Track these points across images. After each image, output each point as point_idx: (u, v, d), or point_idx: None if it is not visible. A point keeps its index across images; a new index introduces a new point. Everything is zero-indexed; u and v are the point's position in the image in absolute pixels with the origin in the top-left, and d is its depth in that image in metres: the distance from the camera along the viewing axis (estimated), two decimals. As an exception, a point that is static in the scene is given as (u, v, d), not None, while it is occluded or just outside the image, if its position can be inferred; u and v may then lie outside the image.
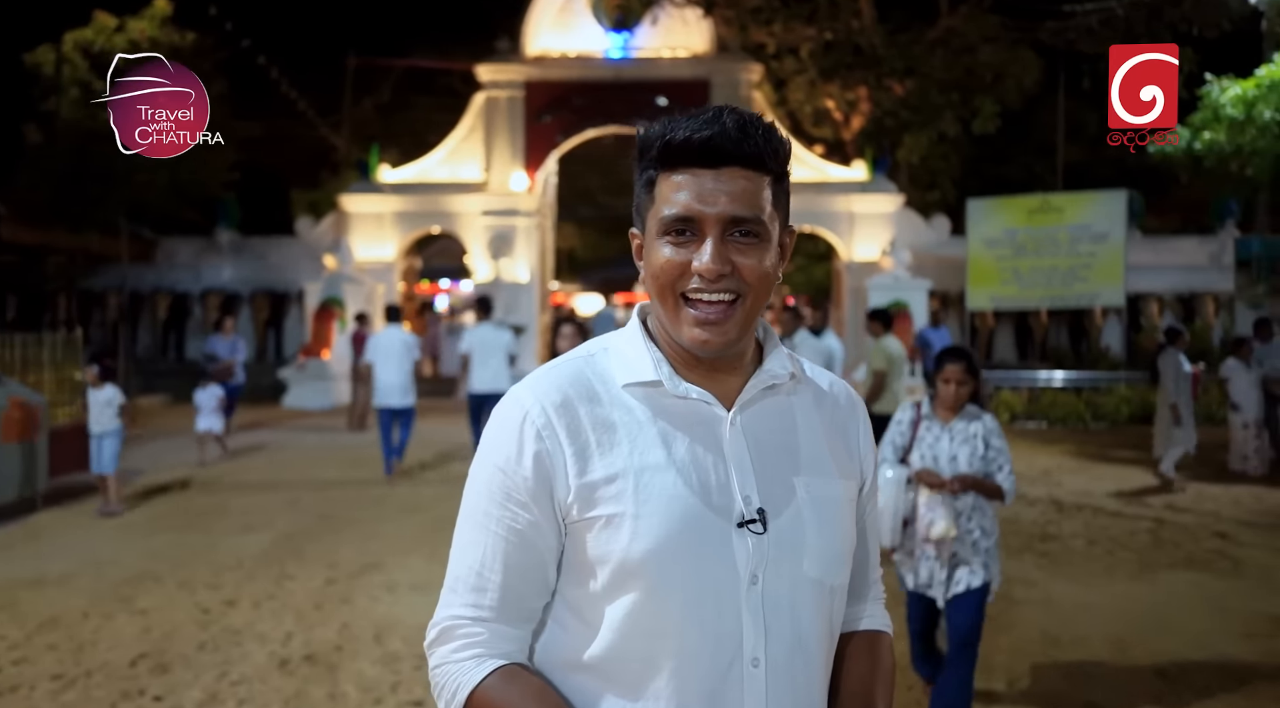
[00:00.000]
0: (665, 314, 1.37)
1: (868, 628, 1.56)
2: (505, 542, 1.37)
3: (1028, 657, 5.26)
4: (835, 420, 1.50)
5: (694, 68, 19.80)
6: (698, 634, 1.32)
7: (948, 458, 4.19)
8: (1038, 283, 17.95)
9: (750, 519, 1.34)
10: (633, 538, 1.31)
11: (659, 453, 1.35)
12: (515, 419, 1.37)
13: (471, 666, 1.35)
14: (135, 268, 20.38)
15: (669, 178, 1.35)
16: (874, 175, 19.89)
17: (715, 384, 1.41)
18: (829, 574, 1.40)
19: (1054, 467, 11.54)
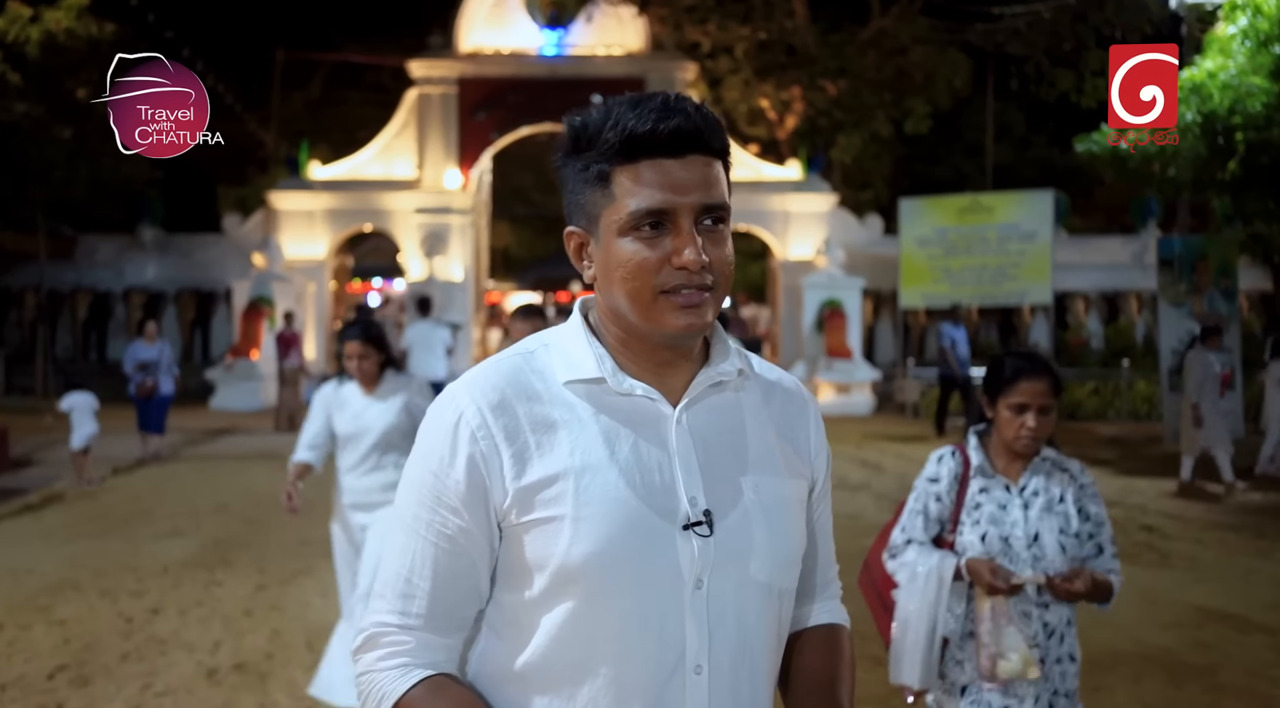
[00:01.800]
0: (637, 311, 1.29)
1: (825, 622, 1.51)
2: (435, 548, 1.30)
3: (965, 652, 5.29)
4: (785, 417, 1.45)
5: (629, 66, 19.77)
6: (638, 641, 1.26)
7: (1025, 539, 2.74)
8: (968, 281, 18.19)
9: (696, 521, 1.28)
10: (572, 541, 1.25)
11: (601, 453, 1.28)
12: (449, 421, 1.30)
13: (397, 675, 1.29)
14: (54, 266, 19.77)
15: (630, 170, 1.27)
16: (808, 175, 20.03)
17: (661, 381, 1.35)
18: (777, 578, 1.35)
19: (986, 462, 11.69)
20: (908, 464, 11.50)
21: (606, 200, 1.29)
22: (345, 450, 4.58)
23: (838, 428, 14.96)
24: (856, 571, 6.68)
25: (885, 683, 4.89)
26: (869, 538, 7.68)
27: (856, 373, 17.70)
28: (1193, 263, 13.72)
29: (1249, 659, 5.31)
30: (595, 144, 1.29)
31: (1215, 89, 10.60)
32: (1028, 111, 24.69)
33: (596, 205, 1.30)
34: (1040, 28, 17.51)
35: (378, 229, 20.40)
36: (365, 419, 4.51)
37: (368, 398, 4.53)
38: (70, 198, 18.88)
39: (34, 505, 9.15)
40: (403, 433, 4.46)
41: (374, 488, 4.51)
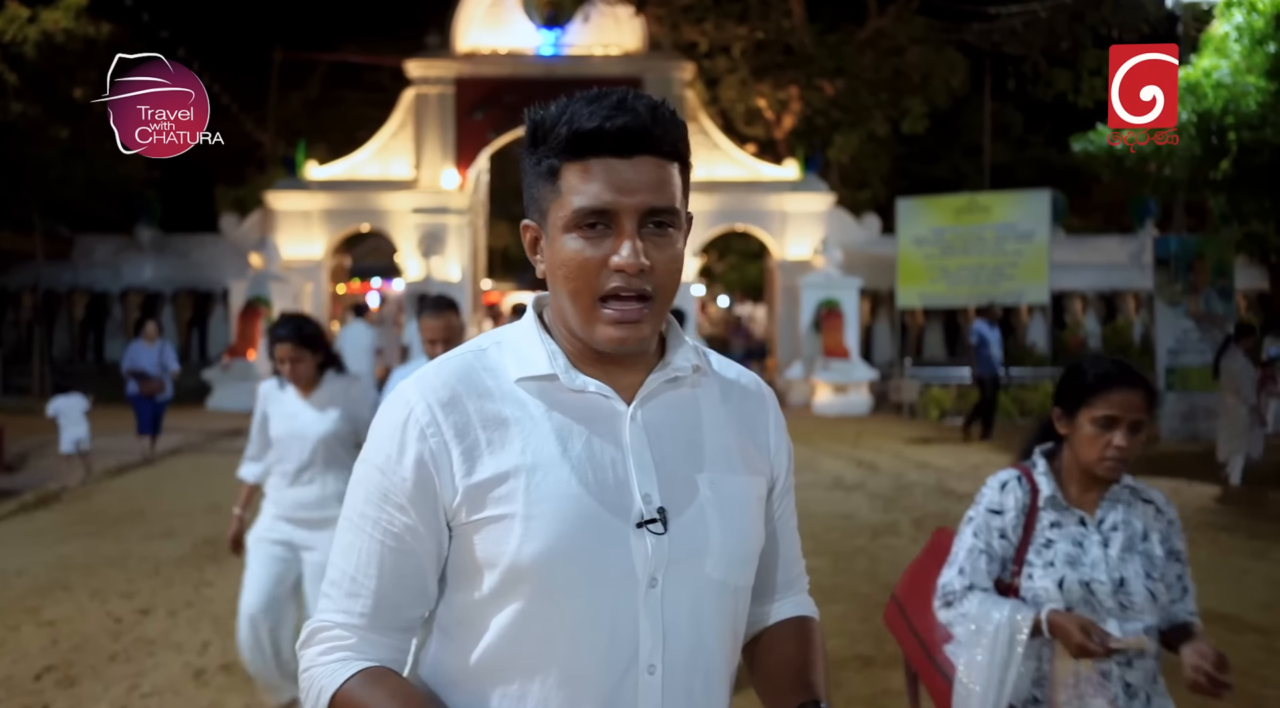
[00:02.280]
0: (576, 312, 1.28)
1: (792, 615, 1.50)
2: (381, 546, 1.29)
3: (954, 652, 5.28)
4: (743, 414, 1.44)
5: (626, 65, 19.75)
6: (590, 641, 1.25)
7: (1110, 585, 2.30)
8: (965, 281, 18.19)
9: (650, 519, 1.27)
10: (523, 540, 1.23)
11: (553, 450, 1.27)
12: (399, 418, 1.29)
13: (336, 668, 1.28)
14: (51, 266, 19.76)
15: (577, 167, 1.25)
16: (805, 174, 20.02)
17: (616, 378, 1.33)
18: (733, 575, 1.34)
19: (982, 462, 11.68)
20: (903, 465, 11.50)
21: (555, 196, 1.28)
22: (279, 457, 4.17)
23: (834, 428, 14.97)
24: (853, 570, 6.71)
25: (875, 683, 4.89)
26: (863, 538, 7.75)
27: (854, 373, 17.69)
28: (1189, 262, 13.71)
29: (1241, 659, 5.28)
30: (548, 139, 1.27)
31: (1210, 88, 10.58)
32: (1025, 111, 24.69)
33: (547, 200, 1.29)
34: (1037, 27, 17.50)
35: (375, 229, 20.39)
36: (300, 423, 4.12)
37: (304, 402, 4.16)
38: (66, 198, 18.87)
39: (28, 506, 9.13)
40: (344, 442, 4.11)
41: (309, 502, 4.11)
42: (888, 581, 6.59)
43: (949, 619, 2.45)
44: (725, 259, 27.59)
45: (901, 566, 7.02)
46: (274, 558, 4.13)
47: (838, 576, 6.77)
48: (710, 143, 20.08)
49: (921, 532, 8.06)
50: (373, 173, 19.87)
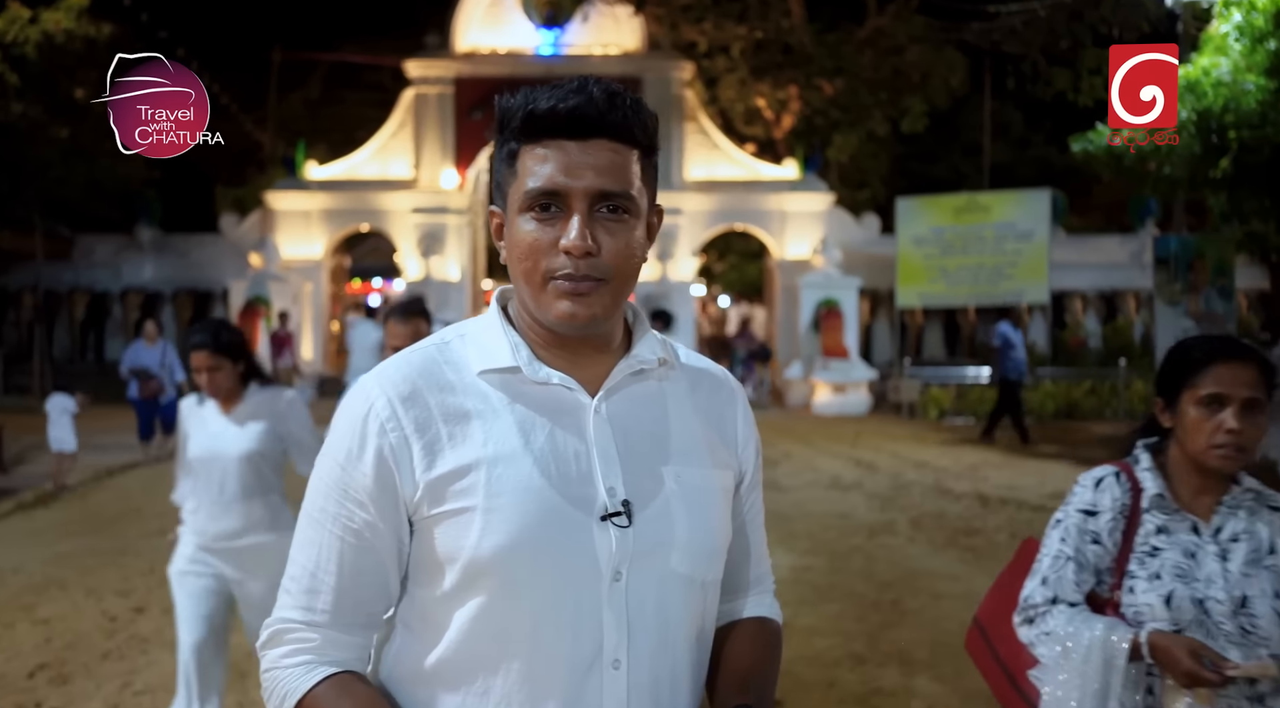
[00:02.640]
0: (529, 294, 1.27)
1: (753, 614, 1.49)
2: (341, 542, 1.28)
3: (948, 650, 5.26)
4: (712, 407, 1.43)
5: (625, 65, 19.74)
6: (553, 636, 1.23)
7: (1229, 604, 1.97)
8: (965, 280, 18.18)
9: (614, 512, 1.25)
10: (483, 533, 1.22)
11: (515, 443, 1.26)
12: (359, 413, 1.28)
13: (301, 673, 1.26)
14: (51, 266, 19.78)
15: (532, 150, 1.25)
16: (805, 174, 20.04)
17: (580, 370, 1.32)
18: (700, 570, 1.33)
19: (980, 462, 11.68)
20: (901, 464, 11.49)
21: (512, 178, 1.28)
22: (198, 480, 3.71)
23: (833, 427, 14.96)
24: (849, 569, 6.70)
25: (867, 681, 4.88)
26: (860, 537, 7.74)
27: (853, 372, 17.68)
28: (1189, 262, 13.69)
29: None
30: (509, 124, 1.28)
31: (1210, 87, 10.56)
32: (1025, 110, 24.65)
33: (507, 183, 1.29)
34: (1036, 26, 17.47)
35: (375, 229, 20.41)
36: (221, 443, 3.68)
37: (226, 418, 3.70)
38: (66, 198, 18.89)
39: (26, 505, 9.14)
40: (271, 462, 3.73)
41: (231, 531, 3.68)
42: (884, 579, 6.60)
43: (1031, 638, 2.12)
44: (725, 259, 27.57)
45: (898, 564, 7.06)
46: (204, 591, 3.70)
47: (833, 575, 6.76)
48: (709, 143, 20.09)
49: (919, 531, 8.06)
50: (372, 173, 19.89)
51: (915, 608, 6.00)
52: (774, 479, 10.44)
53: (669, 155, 19.79)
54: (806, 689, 4.74)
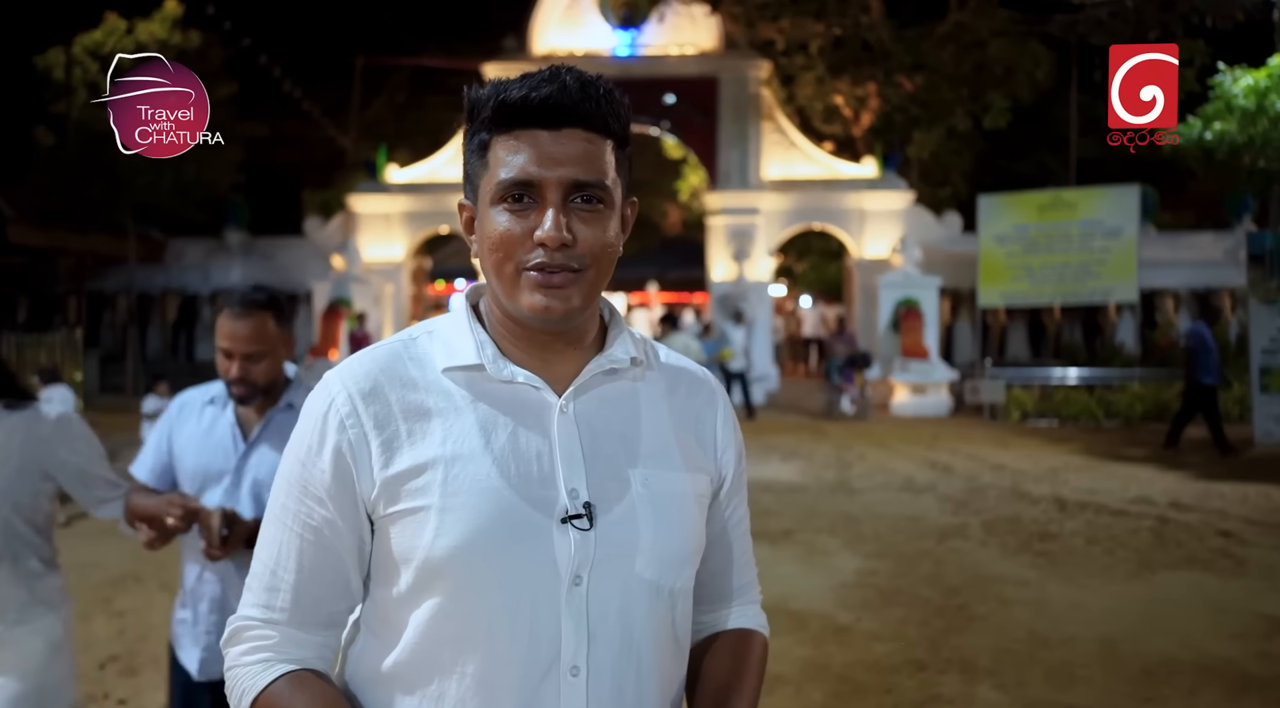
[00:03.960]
0: (501, 287, 1.25)
1: (736, 626, 1.45)
2: (300, 539, 1.27)
3: (1013, 658, 5.13)
4: (689, 410, 1.39)
5: (701, 65, 19.69)
6: (509, 640, 1.21)
7: None
8: (1049, 279, 17.77)
9: (575, 514, 1.23)
10: (437, 534, 1.20)
11: (475, 442, 1.23)
12: (320, 409, 1.27)
13: (258, 670, 1.25)
14: (144, 269, 20.43)
15: (504, 140, 1.23)
16: (884, 172, 19.75)
17: (550, 368, 1.30)
18: (666, 576, 1.29)
19: (1061, 465, 11.37)
20: (978, 467, 11.24)
21: (484, 170, 1.25)
22: None
23: (910, 429, 14.71)
24: (916, 573, 6.56)
25: (926, 689, 4.76)
26: (930, 541, 7.60)
27: (933, 373, 17.37)
28: (1285, 258, 13.17)
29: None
30: (480, 114, 1.25)
31: (1304, 78, 10.15)
32: (1116, 104, 23.93)
33: (478, 175, 1.27)
34: (1124, 17, 16.98)
35: (454, 231, 20.64)
36: None
37: None
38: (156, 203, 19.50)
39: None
40: (24, 512, 2.70)
41: None
42: (951, 584, 6.46)
43: None
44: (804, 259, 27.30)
45: (967, 569, 6.90)
46: None
47: (899, 579, 6.63)
48: (787, 141, 19.92)
49: (991, 535, 7.87)
50: (452, 175, 20.09)
51: (981, 614, 5.86)
52: (845, 481, 10.31)
53: (746, 155, 19.69)
54: (863, 695, 4.65)
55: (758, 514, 8.63)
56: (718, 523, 1.42)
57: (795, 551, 7.38)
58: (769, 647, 1.48)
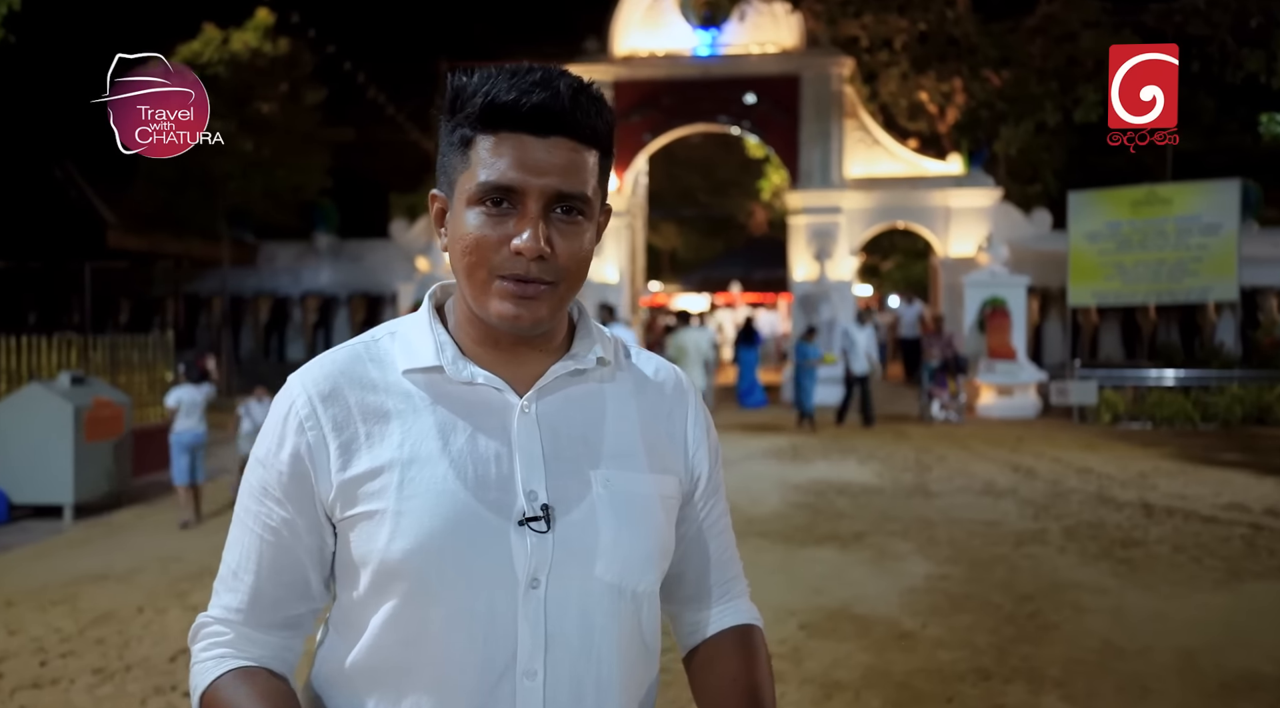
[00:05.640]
0: (470, 289, 1.22)
1: (732, 624, 1.43)
2: (260, 541, 1.27)
3: (1084, 668, 4.96)
4: (658, 410, 1.36)
5: (783, 63, 19.52)
6: (464, 643, 1.19)
7: None
8: (1143, 278, 17.23)
9: (532, 517, 1.21)
10: (392, 537, 1.19)
11: (433, 444, 1.22)
12: (281, 410, 1.27)
13: (211, 665, 1.26)
14: (237, 272, 20.99)
15: (489, 140, 1.19)
16: (970, 169, 19.36)
17: (515, 369, 1.28)
18: (629, 579, 1.26)
19: (1151, 470, 10.98)
20: (1063, 470, 10.92)
21: (464, 166, 1.22)
22: None
23: (995, 431, 14.38)
24: (988, 579, 6.40)
25: (991, 698, 4.62)
26: (1006, 546, 7.42)
27: (1020, 374, 16.95)
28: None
29: None
30: (465, 107, 1.22)
31: None
32: (1218, 96, 23.07)
33: (456, 170, 1.23)
34: (1224, 5, 16.35)
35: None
36: None
37: None
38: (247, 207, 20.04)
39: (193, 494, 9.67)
40: None
41: None
42: (1024, 591, 6.28)
43: None
44: (889, 257, 26.92)
45: (1043, 576, 6.71)
46: None
47: (970, 584, 6.47)
48: (870, 139, 19.64)
49: (1071, 541, 7.64)
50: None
51: (1054, 622, 5.68)
52: (922, 485, 10.11)
53: (827, 153, 19.46)
54: (923, 704, 4.54)
55: (830, 517, 8.53)
56: (693, 523, 1.40)
57: (865, 554, 7.24)
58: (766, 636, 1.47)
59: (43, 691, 4.75)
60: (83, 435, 8.76)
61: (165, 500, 9.39)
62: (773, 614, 5.79)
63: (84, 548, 7.74)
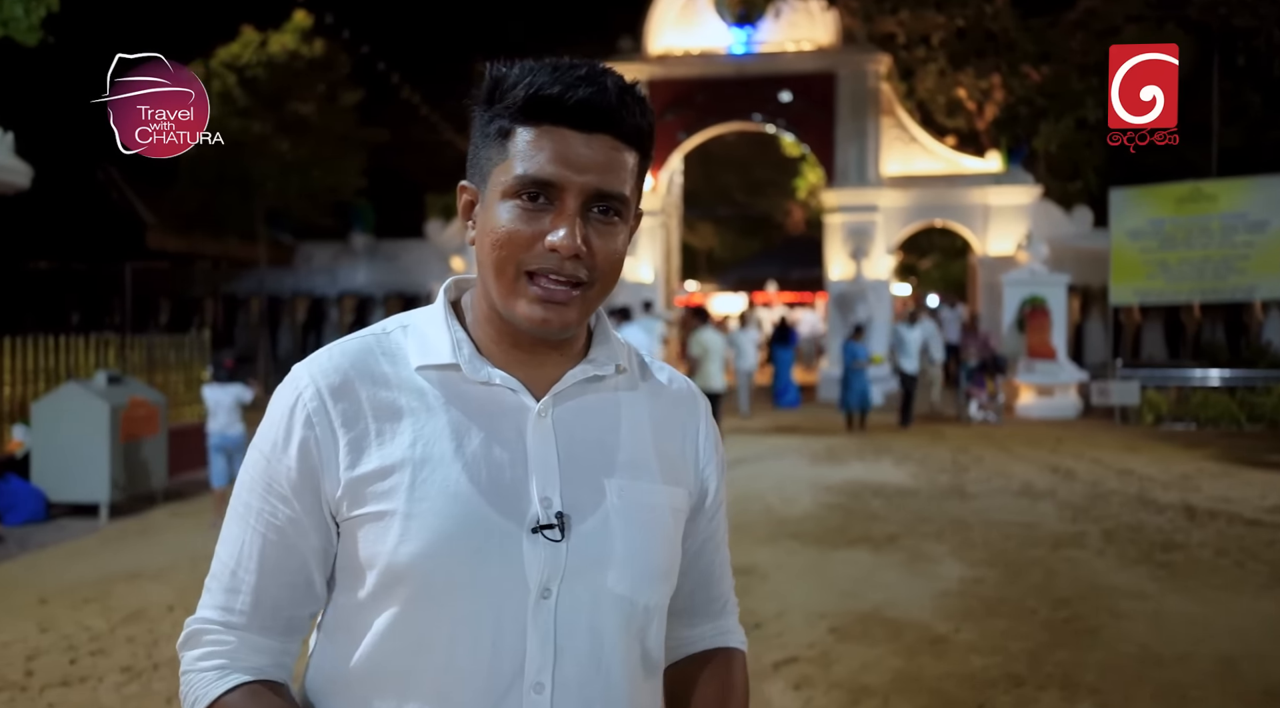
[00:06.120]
0: (498, 286, 1.17)
1: (718, 645, 1.39)
2: (263, 539, 1.21)
3: (1120, 675, 4.84)
4: (671, 421, 1.33)
5: (819, 61, 19.39)
6: (470, 652, 1.14)
7: None
8: (1187, 276, 16.94)
9: (546, 524, 1.16)
10: (401, 539, 1.14)
11: (446, 445, 1.18)
12: (287, 402, 1.21)
13: (212, 678, 1.20)
14: (274, 272, 21.19)
15: (529, 132, 1.15)
16: (1009, 166, 19.13)
17: (533, 371, 1.23)
18: (640, 591, 1.22)
19: (1194, 471, 10.77)
20: (1103, 472, 10.73)
21: (500, 158, 1.17)
22: None
23: (1034, 432, 14.17)
24: (1023, 583, 6.28)
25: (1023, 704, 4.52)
26: (1042, 549, 7.29)
27: (1060, 374, 16.72)
28: None
29: None
30: (505, 98, 1.17)
31: None
32: (1265, 91, 22.61)
33: (490, 162, 1.19)
34: (1270, -2, 16.02)
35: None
36: None
37: None
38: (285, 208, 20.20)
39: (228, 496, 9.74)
40: None
41: None
42: (1061, 595, 6.16)
43: None
44: (927, 256, 26.65)
45: (1080, 580, 6.57)
46: None
47: (1005, 588, 6.35)
48: (907, 137, 19.46)
49: (1110, 544, 7.49)
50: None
51: (1091, 627, 5.56)
52: (959, 486, 9.97)
53: (864, 151, 19.30)
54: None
55: (863, 518, 8.43)
56: (698, 538, 1.36)
57: (898, 557, 7.14)
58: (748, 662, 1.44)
59: (71, 688, 4.78)
60: (119, 435, 8.84)
61: (200, 499, 9.45)
62: (802, 617, 5.72)
63: (118, 546, 7.80)
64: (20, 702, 4.61)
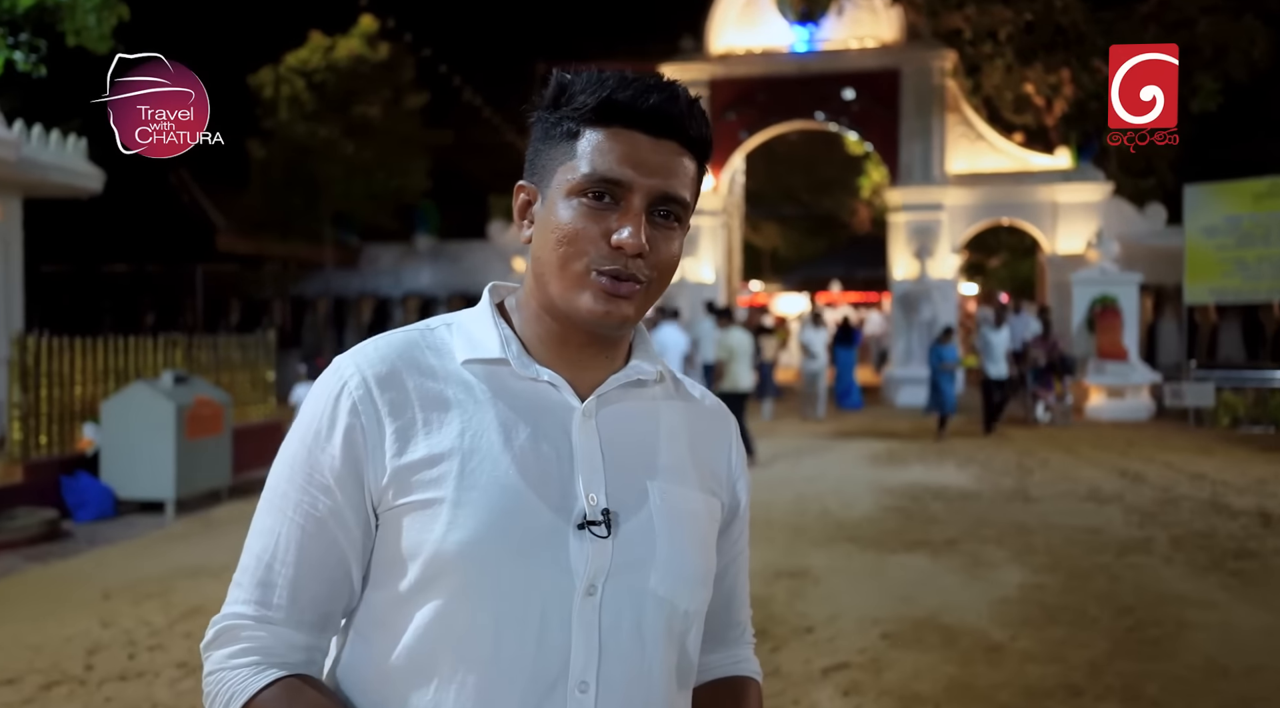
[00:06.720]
0: (561, 281, 1.18)
1: (736, 674, 1.39)
2: (302, 531, 1.18)
3: (1184, 687, 4.68)
4: (704, 432, 1.34)
5: (882, 58, 19.16)
6: (515, 648, 1.13)
7: None
8: (1265, 274, 16.44)
9: (593, 520, 1.16)
10: (449, 528, 1.13)
11: (495, 437, 1.17)
12: (331, 391, 1.19)
13: (248, 673, 1.16)
14: (340, 273, 21.51)
15: (598, 133, 1.17)
16: (1079, 162, 18.72)
17: (577, 371, 1.24)
18: (680, 595, 1.21)
19: (1271, 476, 10.43)
20: (1174, 476, 10.44)
21: (566, 157, 1.19)
22: None
23: (1104, 434, 13.84)
24: (1086, 590, 6.12)
25: None
26: (1108, 555, 7.11)
27: (1131, 375, 16.32)
28: None
29: None
30: (574, 101, 1.19)
31: None
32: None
33: (555, 161, 1.20)
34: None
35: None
36: None
37: None
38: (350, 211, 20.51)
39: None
40: None
41: None
42: (1125, 603, 5.99)
43: None
44: (995, 255, 26.18)
45: (1146, 587, 6.39)
46: None
47: (1066, 595, 6.19)
48: (973, 134, 19.15)
49: (1179, 551, 7.27)
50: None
51: (1154, 637, 5.39)
52: (1022, 489, 9.77)
53: (929, 149, 19.04)
54: (1007, 721, 4.34)
55: (923, 522, 8.29)
56: (724, 557, 1.35)
57: (957, 561, 7.00)
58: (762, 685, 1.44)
59: (128, 683, 4.86)
60: (184, 433, 9.01)
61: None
62: (855, 622, 5.63)
63: (182, 543, 7.95)
64: (79, 695, 4.70)
